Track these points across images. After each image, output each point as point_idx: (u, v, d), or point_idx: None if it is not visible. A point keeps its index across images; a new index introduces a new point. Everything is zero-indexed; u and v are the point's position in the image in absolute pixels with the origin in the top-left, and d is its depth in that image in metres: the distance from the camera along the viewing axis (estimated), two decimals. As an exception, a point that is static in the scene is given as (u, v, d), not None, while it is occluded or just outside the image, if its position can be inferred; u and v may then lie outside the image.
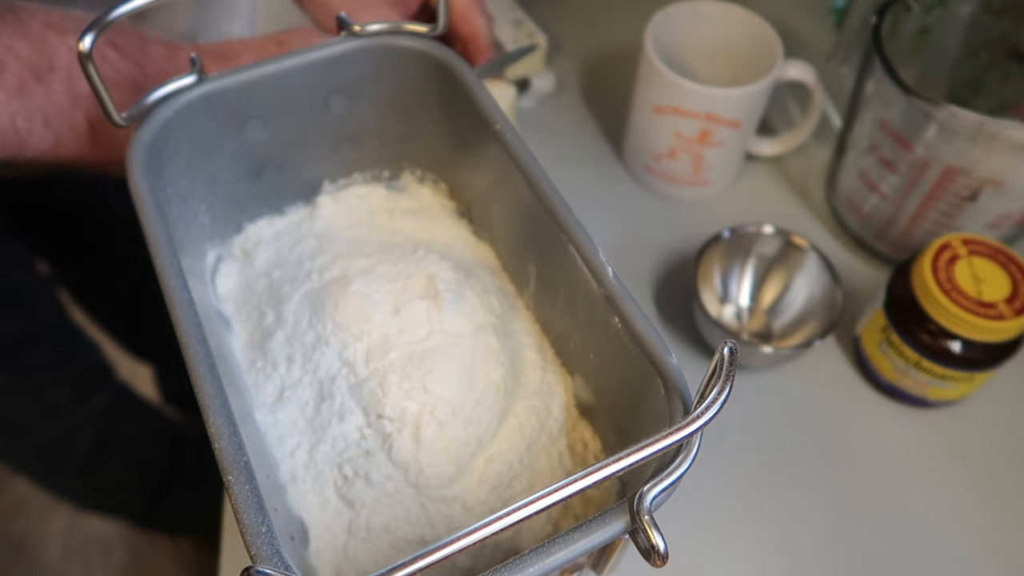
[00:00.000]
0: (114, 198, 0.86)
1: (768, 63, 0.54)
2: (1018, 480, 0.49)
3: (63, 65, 0.39)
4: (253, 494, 0.27)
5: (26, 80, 0.38)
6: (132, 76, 0.41)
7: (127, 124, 0.35)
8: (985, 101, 0.56)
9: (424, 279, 0.40)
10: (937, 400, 0.50)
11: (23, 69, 0.38)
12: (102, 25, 0.32)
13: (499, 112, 0.38)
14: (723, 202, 0.61)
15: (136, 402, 0.99)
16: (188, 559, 1.15)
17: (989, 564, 0.46)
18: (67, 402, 0.87)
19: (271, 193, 0.45)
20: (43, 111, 0.39)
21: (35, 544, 1.17)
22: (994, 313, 0.44)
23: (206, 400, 0.29)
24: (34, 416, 0.85)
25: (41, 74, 0.38)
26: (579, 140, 0.64)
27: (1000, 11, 0.53)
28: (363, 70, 0.42)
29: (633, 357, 0.32)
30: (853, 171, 0.55)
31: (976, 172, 0.47)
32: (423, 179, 0.48)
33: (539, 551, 0.26)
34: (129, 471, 0.99)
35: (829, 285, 0.50)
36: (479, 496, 0.36)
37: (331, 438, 0.37)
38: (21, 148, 0.39)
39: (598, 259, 0.33)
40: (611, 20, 0.72)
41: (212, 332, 0.34)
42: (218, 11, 0.76)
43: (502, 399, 0.38)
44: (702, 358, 0.53)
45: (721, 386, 0.25)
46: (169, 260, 0.32)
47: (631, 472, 0.25)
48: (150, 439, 1.01)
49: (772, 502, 0.47)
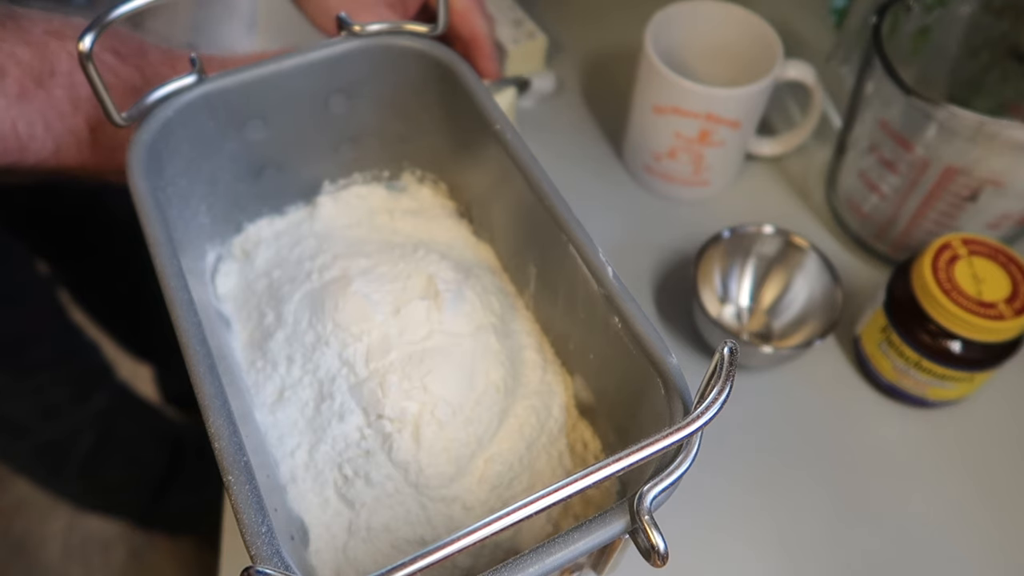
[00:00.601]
0: (114, 199, 0.87)
1: (768, 63, 0.54)
2: (1018, 480, 0.49)
3: (64, 71, 0.39)
4: (253, 494, 0.27)
5: (27, 85, 0.38)
6: (132, 82, 0.41)
7: (127, 124, 0.35)
8: (985, 101, 0.56)
9: (424, 279, 0.40)
10: (937, 400, 0.50)
11: (24, 75, 0.38)
12: (102, 25, 0.32)
13: (499, 112, 0.38)
14: (723, 202, 0.61)
15: (136, 402, 0.99)
16: (188, 559, 1.15)
17: (989, 564, 0.46)
18: (67, 402, 0.87)
19: (271, 193, 0.45)
20: (44, 116, 0.39)
21: (35, 544, 1.17)
22: (994, 313, 0.44)
23: (206, 400, 0.29)
24: (34, 416, 0.85)
25: (42, 79, 0.38)
26: (579, 140, 0.64)
27: (1000, 11, 0.53)
28: (363, 70, 0.42)
29: (633, 357, 0.32)
30: (853, 171, 0.55)
31: (976, 172, 0.47)
32: (423, 179, 0.48)
33: (539, 551, 0.26)
34: (129, 471, 0.99)
35: (829, 285, 0.50)
36: (479, 496, 0.36)
37: (331, 438, 0.37)
38: (23, 154, 0.39)
39: (598, 259, 0.33)
40: (611, 20, 0.72)
41: (212, 332, 0.34)
42: (218, 11, 0.76)
43: (502, 399, 0.38)
44: (702, 358, 0.53)
45: (721, 386, 0.25)
46: (169, 260, 0.32)
47: (631, 472, 0.25)
48: (150, 439, 1.01)
49: (772, 502, 0.47)
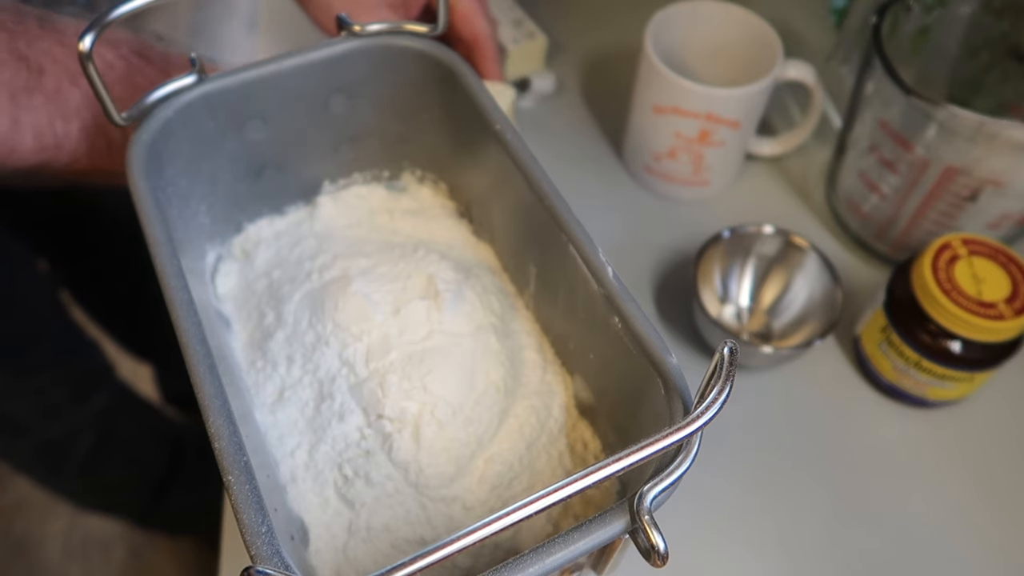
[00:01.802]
0: (114, 199, 0.87)
1: (768, 63, 0.54)
2: (1018, 480, 0.49)
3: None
4: (253, 494, 0.27)
5: (63, 84, 0.39)
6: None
7: (127, 124, 0.36)
8: (985, 101, 0.56)
9: (424, 279, 0.40)
10: (937, 400, 0.50)
11: (61, 73, 0.39)
12: (102, 25, 0.32)
13: (499, 112, 0.38)
14: (723, 202, 0.61)
15: (136, 402, 0.99)
16: (188, 559, 1.15)
17: (989, 564, 0.46)
18: (67, 402, 0.87)
19: (271, 193, 0.45)
20: (80, 116, 0.39)
21: (35, 544, 1.17)
22: (994, 313, 0.44)
23: (206, 400, 0.29)
24: (34, 416, 0.85)
25: (76, 79, 0.39)
26: (579, 140, 0.64)
27: (1000, 11, 0.53)
28: (363, 70, 0.42)
29: (633, 357, 0.32)
30: (853, 171, 0.55)
31: (976, 172, 0.47)
32: (423, 179, 0.48)
33: (539, 551, 0.26)
34: (129, 471, 0.99)
35: (829, 285, 0.50)
36: (479, 496, 0.36)
37: (331, 438, 0.37)
38: (57, 152, 0.39)
39: (598, 259, 0.33)
40: (611, 20, 0.72)
41: (212, 332, 0.34)
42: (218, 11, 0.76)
43: (502, 399, 0.38)
44: (702, 358, 0.53)
45: (721, 386, 0.25)
46: (169, 260, 0.32)
47: (631, 472, 0.25)
48: (150, 439, 1.01)
49: (772, 502, 0.47)
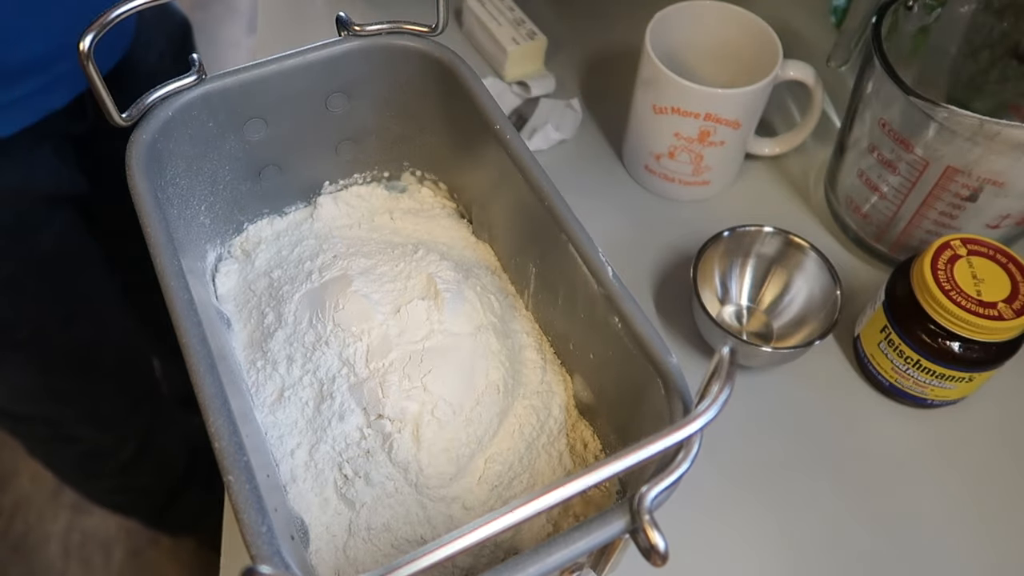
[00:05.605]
0: None
1: (768, 63, 0.54)
2: (1018, 480, 0.49)
3: None
4: (253, 494, 0.27)
5: None
6: None
7: (127, 123, 0.35)
8: (985, 101, 0.56)
9: (424, 279, 0.40)
10: (937, 400, 0.50)
11: None
12: (102, 25, 0.32)
13: (499, 112, 0.38)
14: (723, 202, 0.61)
15: (173, 409, 0.98)
16: (188, 559, 1.15)
17: (989, 564, 0.46)
18: (122, 412, 0.85)
19: (271, 193, 0.45)
20: None
21: (35, 544, 1.17)
22: (994, 313, 0.44)
23: (206, 400, 0.29)
24: (86, 425, 0.83)
25: None
26: (579, 140, 0.64)
27: (1000, 11, 0.53)
28: (363, 70, 0.42)
29: (633, 357, 0.32)
30: (853, 171, 0.55)
31: (976, 172, 0.47)
32: (423, 179, 0.48)
33: (539, 551, 0.26)
34: (158, 475, 0.99)
35: (829, 285, 0.50)
36: (479, 496, 0.36)
37: (331, 438, 0.37)
38: None
39: (598, 259, 0.33)
40: (611, 20, 0.72)
41: (212, 332, 0.34)
42: (218, 11, 0.76)
43: (502, 399, 0.38)
44: (702, 358, 0.53)
45: (721, 386, 0.25)
46: (169, 260, 0.32)
47: (631, 472, 0.25)
48: (178, 443, 1.00)
49: (772, 502, 0.47)
